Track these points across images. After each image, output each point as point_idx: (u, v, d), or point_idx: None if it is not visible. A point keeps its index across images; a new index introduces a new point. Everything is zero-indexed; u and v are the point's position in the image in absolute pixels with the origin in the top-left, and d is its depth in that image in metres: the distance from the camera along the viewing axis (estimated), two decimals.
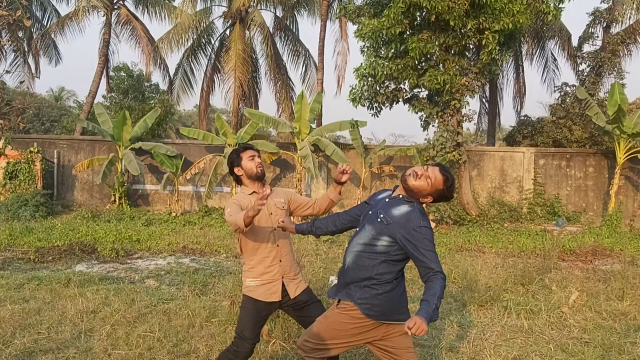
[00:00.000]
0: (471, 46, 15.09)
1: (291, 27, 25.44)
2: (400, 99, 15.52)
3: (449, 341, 5.31)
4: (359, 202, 15.33)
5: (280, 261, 3.84)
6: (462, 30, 13.92)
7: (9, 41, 23.60)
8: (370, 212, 3.36)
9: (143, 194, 17.11)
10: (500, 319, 6.05)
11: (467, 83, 14.43)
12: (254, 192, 3.87)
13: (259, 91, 25.19)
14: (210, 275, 8.12)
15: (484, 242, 12.00)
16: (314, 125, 16.63)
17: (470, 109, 15.92)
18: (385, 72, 14.50)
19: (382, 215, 3.23)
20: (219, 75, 24.18)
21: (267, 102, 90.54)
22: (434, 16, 13.33)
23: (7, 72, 23.91)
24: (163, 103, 20.31)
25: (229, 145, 15.91)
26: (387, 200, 3.34)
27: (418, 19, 14.49)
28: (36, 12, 25.29)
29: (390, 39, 14.50)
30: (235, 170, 3.90)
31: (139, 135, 16.42)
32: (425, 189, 3.23)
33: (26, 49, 24.90)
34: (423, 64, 14.84)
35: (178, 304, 6.39)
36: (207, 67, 24.34)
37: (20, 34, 24.20)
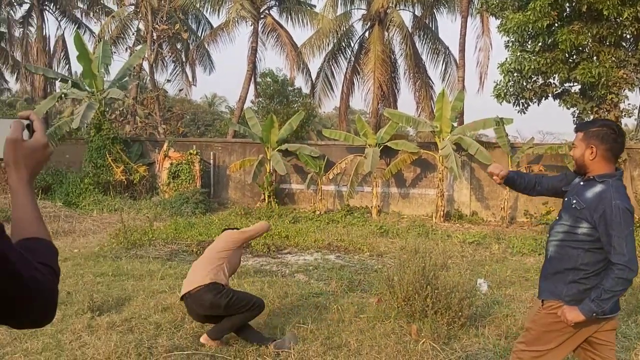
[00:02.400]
0: (628, 36, 13.88)
1: (430, 26, 25.14)
2: (550, 94, 14.71)
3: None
4: (506, 202, 14.92)
5: None
6: (618, 20, 12.84)
7: (169, 52, 26.10)
8: (565, 200, 3.23)
9: (289, 193, 17.94)
10: None
11: (625, 76, 13.30)
12: None
13: (398, 91, 25.24)
14: (355, 272, 8.35)
15: None
16: (455, 124, 16.34)
17: (629, 104, 14.62)
18: (532, 67, 13.81)
19: (574, 201, 3.10)
20: (358, 77, 24.59)
21: (406, 101, 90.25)
22: (586, 6, 12.49)
23: (168, 81, 26.50)
24: (306, 106, 21.12)
25: (369, 145, 16.15)
26: (581, 183, 3.18)
27: (567, 9, 13.66)
28: (192, 25, 27.55)
29: (537, 33, 13.82)
30: None
31: (285, 137, 17.23)
32: (587, 150, 3.10)
33: (184, 60, 27.29)
34: (574, 56, 13.93)
35: (327, 298, 6.66)
36: (346, 69, 24.88)
37: (178, 46, 26.63)
